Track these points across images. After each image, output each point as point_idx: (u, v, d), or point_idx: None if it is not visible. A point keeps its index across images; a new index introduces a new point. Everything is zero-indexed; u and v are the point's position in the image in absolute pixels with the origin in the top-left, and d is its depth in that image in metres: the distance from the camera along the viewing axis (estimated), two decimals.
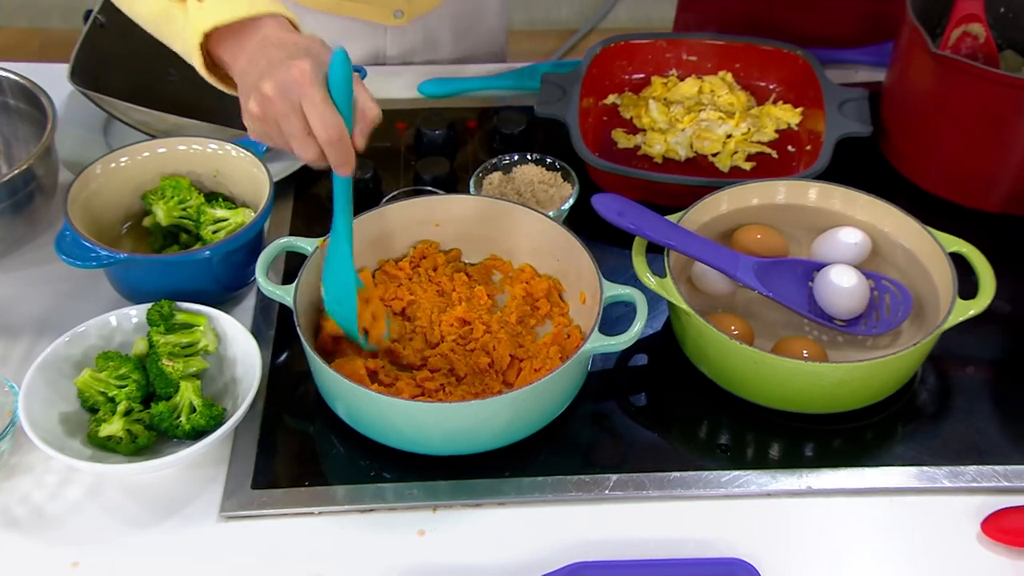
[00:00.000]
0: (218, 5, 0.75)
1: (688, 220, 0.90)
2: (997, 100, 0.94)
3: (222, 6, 0.75)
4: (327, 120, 0.70)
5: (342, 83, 0.71)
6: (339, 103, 0.71)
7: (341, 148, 0.72)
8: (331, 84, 0.71)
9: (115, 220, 0.95)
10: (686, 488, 0.80)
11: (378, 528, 0.78)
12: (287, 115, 0.71)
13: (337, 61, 0.70)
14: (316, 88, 0.70)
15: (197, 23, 0.75)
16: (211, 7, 0.75)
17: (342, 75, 0.71)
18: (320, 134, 0.71)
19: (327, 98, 0.71)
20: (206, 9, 0.75)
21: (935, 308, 0.86)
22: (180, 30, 0.77)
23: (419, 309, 0.90)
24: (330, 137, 0.71)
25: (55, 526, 0.77)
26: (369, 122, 0.73)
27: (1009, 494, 0.79)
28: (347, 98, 0.72)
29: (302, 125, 0.71)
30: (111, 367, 0.81)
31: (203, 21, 0.75)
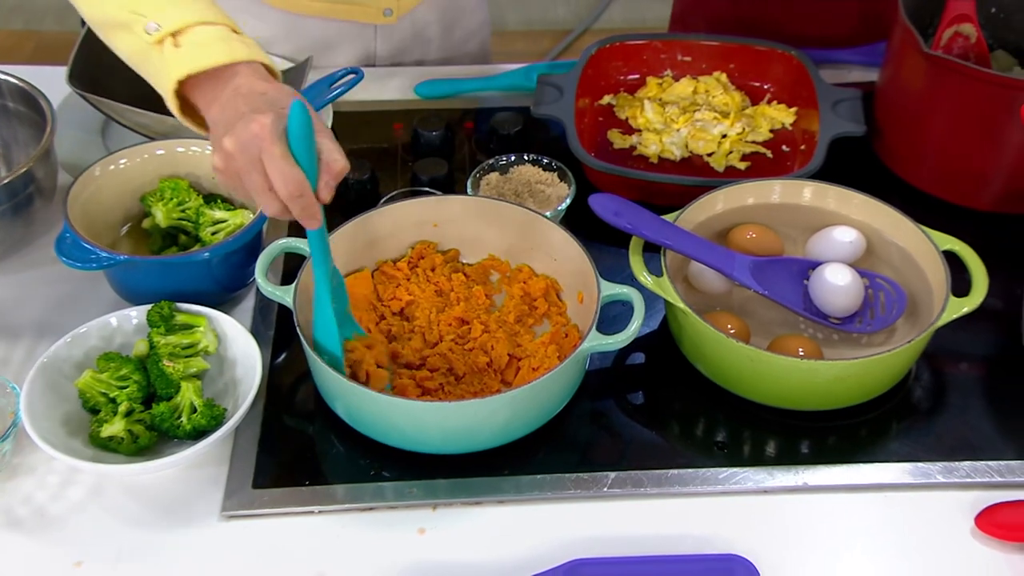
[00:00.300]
0: (194, 51, 0.74)
1: (684, 219, 0.91)
2: (988, 100, 0.95)
3: (198, 52, 0.74)
4: (287, 175, 0.69)
5: (301, 136, 0.69)
6: (299, 157, 0.69)
7: (303, 203, 0.70)
8: (290, 137, 0.69)
9: (114, 222, 0.95)
10: (683, 485, 0.80)
11: (378, 526, 0.78)
12: (248, 171, 0.70)
13: (295, 114, 0.68)
14: (275, 143, 0.68)
15: (172, 69, 0.74)
16: (187, 52, 0.74)
17: (301, 127, 0.69)
18: (280, 190, 0.69)
19: (286, 153, 0.69)
20: (182, 55, 0.74)
21: (929, 306, 0.87)
22: (156, 72, 0.76)
23: (417, 309, 0.91)
24: (290, 192, 0.69)
25: (57, 526, 0.77)
26: (335, 174, 0.71)
27: (1002, 489, 0.80)
28: (308, 151, 0.70)
29: (263, 180, 0.70)
30: (112, 368, 0.81)
31: (178, 67, 0.74)
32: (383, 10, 1.14)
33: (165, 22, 0.74)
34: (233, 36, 0.76)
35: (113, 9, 0.77)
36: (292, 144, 0.70)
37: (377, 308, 0.91)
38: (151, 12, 0.75)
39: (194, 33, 0.74)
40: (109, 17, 0.78)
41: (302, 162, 0.70)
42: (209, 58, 0.73)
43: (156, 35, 0.74)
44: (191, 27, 0.74)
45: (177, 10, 0.75)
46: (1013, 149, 0.97)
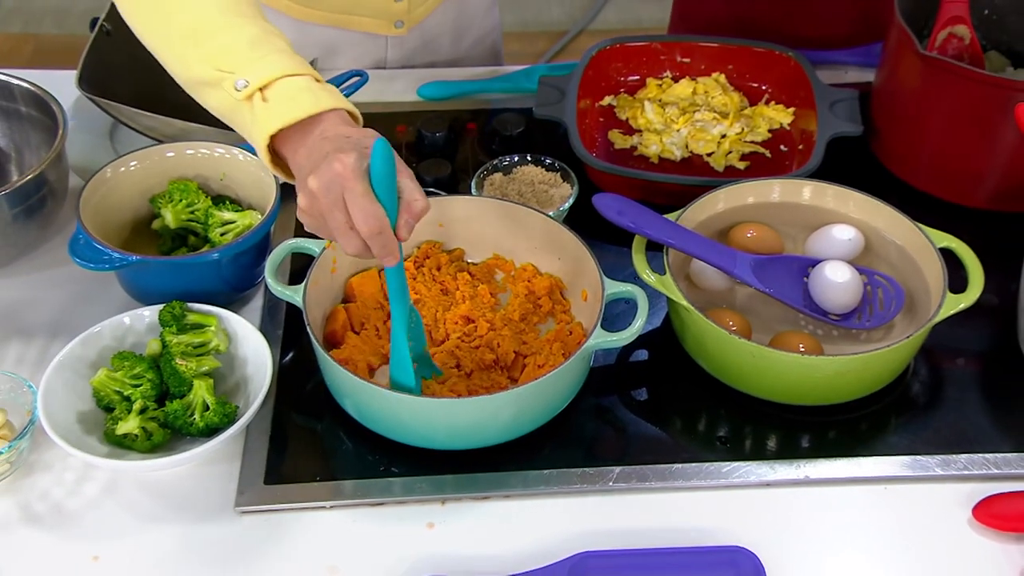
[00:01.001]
0: (282, 104, 0.75)
1: (686, 218, 0.92)
2: (982, 100, 0.97)
3: (286, 105, 0.75)
4: (367, 213, 0.70)
5: (383, 175, 0.71)
6: (380, 195, 0.71)
7: (383, 241, 0.72)
8: (372, 176, 0.71)
9: (124, 223, 0.96)
10: (687, 479, 0.82)
11: (388, 521, 0.80)
12: (331, 210, 0.71)
13: (377, 152, 0.70)
14: (357, 181, 0.70)
15: (264, 124, 0.75)
16: (276, 106, 0.75)
17: (383, 166, 0.71)
18: (361, 227, 0.71)
19: (368, 191, 0.70)
20: (271, 109, 0.75)
21: (926, 302, 0.88)
22: (247, 126, 0.77)
23: (423, 308, 0.92)
24: (371, 230, 0.71)
25: (75, 522, 0.79)
26: (415, 214, 0.73)
27: (998, 481, 0.82)
28: (389, 189, 0.71)
29: (345, 219, 0.71)
30: (126, 367, 0.83)
31: (269, 122, 0.75)
32: (394, 22, 1.16)
33: (253, 78, 0.76)
34: (317, 86, 0.77)
35: (201, 69, 0.78)
36: (374, 182, 0.71)
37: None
38: (238, 69, 0.76)
39: (281, 86, 0.76)
40: (198, 77, 0.79)
41: (383, 200, 0.71)
42: (298, 110, 0.75)
43: (245, 92, 0.75)
44: (278, 80, 0.76)
45: (263, 65, 0.76)
46: (1007, 148, 0.98)
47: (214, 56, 0.78)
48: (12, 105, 1.02)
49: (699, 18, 1.34)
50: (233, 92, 0.76)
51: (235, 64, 0.77)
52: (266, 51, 0.77)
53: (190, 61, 0.79)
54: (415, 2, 1.15)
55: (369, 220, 0.71)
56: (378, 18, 1.15)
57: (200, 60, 0.78)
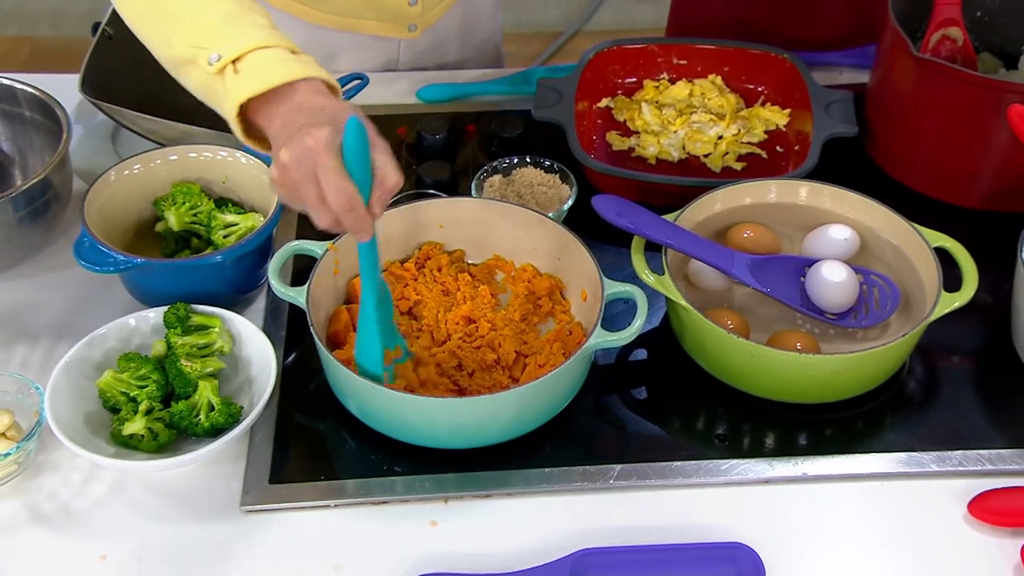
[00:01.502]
0: (254, 74, 0.76)
1: (684, 219, 0.94)
2: (975, 101, 0.98)
3: (257, 75, 0.75)
4: (339, 189, 0.70)
5: (355, 151, 0.70)
6: (353, 171, 0.71)
7: (355, 216, 0.72)
8: (344, 152, 0.70)
9: (128, 226, 0.97)
10: (687, 477, 0.83)
11: (392, 519, 0.80)
12: (303, 183, 0.71)
13: (350, 129, 0.70)
14: (330, 156, 0.70)
15: (234, 94, 0.76)
16: (247, 77, 0.76)
17: (355, 142, 0.70)
18: (332, 203, 0.71)
19: (340, 167, 0.70)
20: (242, 80, 0.76)
21: (921, 301, 0.89)
22: (220, 100, 0.78)
23: (425, 308, 0.93)
24: (341, 206, 0.71)
25: (82, 521, 0.80)
26: (388, 190, 0.73)
27: (993, 477, 0.83)
28: (362, 165, 0.71)
29: (316, 193, 0.71)
30: (132, 368, 0.84)
31: (239, 92, 0.75)
32: (408, 26, 1.16)
33: (225, 51, 0.76)
34: (291, 56, 0.77)
35: (180, 47, 0.79)
36: (346, 158, 0.71)
37: None
38: (212, 44, 0.77)
39: (253, 58, 0.76)
40: (177, 55, 0.80)
41: (356, 176, 0.71)
42: (269, 80, 0.75)
43: (217, 65, 0.76)
44: (250, 52, 0.76)
45: (236, 39, 0.77)
46: (1000, 149, 0.99)
47: (191, 34, 0.79)
48: (16, 109, 1.03)
49: (696, 19, 1.35)
50: (206, 67, 0.77)
51: (210, 40, 0.77)
52: (241, 26, 0.78)
53: (171, 41, 0.80)
54: (428, 5, 1.16)
55: (340, 196, 0.70)
56: (392, 22, 1.16)
57: (179, 39, 0.79)
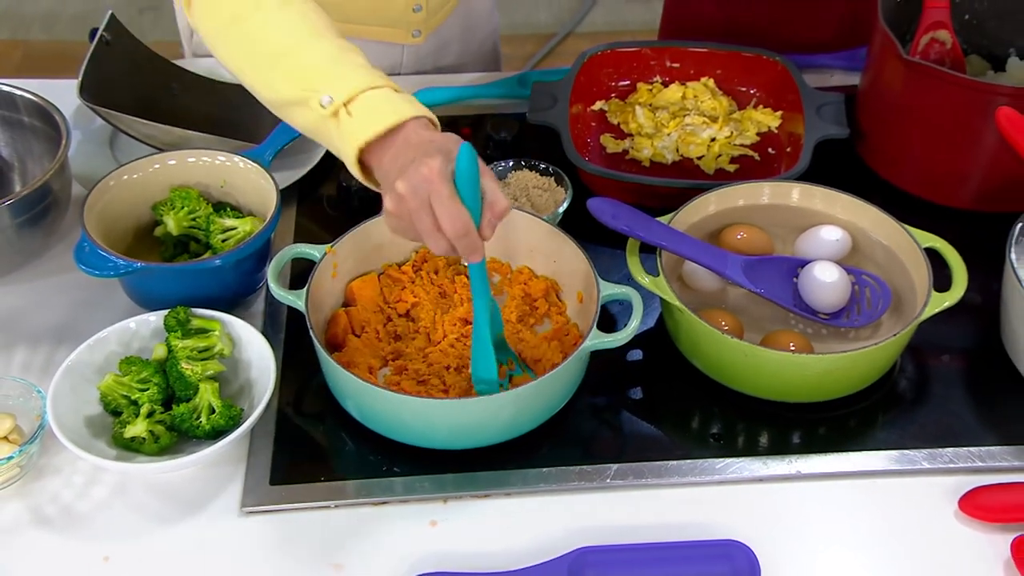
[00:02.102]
0: (367, 117, 0.78)
1: (678, 221, 0.95)
2: (964, 103, 0.99)
3: (371, 117, 0.78)
4: (454, 216, 0.73)
5: (467, 177, 0.74)
6: (465, 197, 0.74)
7: (468, 241, 0.75)
8: (457, 179, 0.74)
9: (127, 230, 0.98)
10: (682, 476, 0.84)
11: (392, 519, 0.81)
12: (418, 212, 0.74)
13: (463, 156, 0.73)
14: (444, 184, 0.73)
15: (351, 138, 0.78)
16: (361, 120, 0.78)
17: (467, 170, 0.74)
18: (447, 229, 0.74)
19: (453, 194, 0.73)
20: (357, 123, 0.78)
21: (912, 301, 0.90)
22: (335, 141, 0.81)
23: (422, 310, 0.94)
24: (457, 232, 0.74)
25: (85, 524, 0.80)
26: (498, 214, 0.76)
27: (983, 473, 0.84)
28: (473, 191, 0.74)
29: (431, 221, 0.74)
30: (133, 371, 0.84)
31: (357, 136, 0.78)
32: (412, 31, 1.18)
33: (337, 94, 0.79)
34: (397, 96, 0.80)
35: (286, 90, 0.82)
36: (459, 185, 0.74)
37: (384, 310, 0.94)
38: (322, 86, 0.80)
39: (363, 99, 0.79)
40: (284, 97, 0.83)
41: (468, 202, 0.74)
42: (382, 122, 0.78)
43: (331, 108, 0.79)
44: (360, 94, 0.79)
45: (346, 81, 0.80)
46: (989, 150, 1.00)
47: (298, 76, 0.81)
48: (15, 115, 1.03)
49: (689, 21, 1.36)
50: (319, 109, 0.79)
51: (319, 82, 0.80)
52: (347, 67, 0.81)
53: (275, 83, 0.83)
54: (431, 11, 1.18)
55: (456, 222, 0.73)
56: (397, 28, 1.17)
57: (285, 81, 0.82)
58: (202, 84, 1.16)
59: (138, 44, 1.12)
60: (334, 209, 1.08)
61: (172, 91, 1.13)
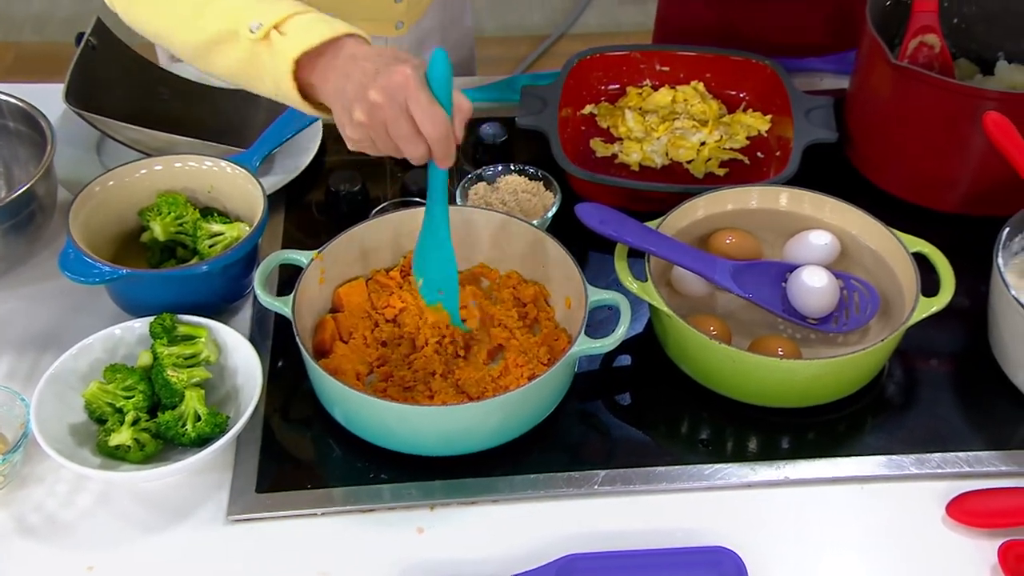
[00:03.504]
0: (301, 34, 0.79)
1: (666, 226, 0.94)
2: (952, 107, 0.99)
3: (305, 34, 0.79)
4: (436, 118, 0.74)
5: (444, 81, 0.74)
6: (442, 100, 0.75)
7: (447, 143, 0.76)
8: (433, 83, 0.74)
9: (113, 236, 0.97)
10: (670, 482, 0.84)
11: (379, 527, 0.81)
12: (396, 118, 0.75)
13: (438, 61, 0.74)
14: (421, 90, 0.74)
15: (285, 53, 0.79)
16: (294, 37, 0.79)
17: (444, 73, 0.74)
18: (429, 132, 0.75)
19: (432, 97, 0.74)
20: (289, 40, 0.79)
21: (900, 305, 0.90)
22: (269, 67, 0.81)
23: (407, 315, 0.94)
24: (439, 133, 0.75)
25: (69, 533, 0.80)
26: (465, 114, 0.77)
27: (971, 478, 0.84)
28: (449, 95, 0.75)
29: (410, 126, 0.75)
30: (118, 379, 0.84)
31: (291, 50, 0.79)
32: (395, 23, 1.18)
33: (265, 19, 0.80)
34: (328, 17, 0.81)
35: (213, 28, 0.83)
36: (436, 88, 0.74)
37: (372, 315, 0.94)
38: (251, 17, 0.80)
39: (295, 21, 0.80)
40: (210, 37, 0.83)
41: (444, 105, 0.75)
42: (318, 35, 0.79)
43: (260, 32, 0.80)
44: (290, 17, 0.80)
45: (275, 8, 0.81)
46: (977, 154, 1.01)
47: (224, 13, 0.82)
48: (0, 121, 1.03)
49: (682, 22, 1.35)
50: (248, 35, 0.80)
51: (246, 13, 0.81)
52: (274, 1, 0.81)
53: (201, 23, 0.83)
54: (412, 2, 1.18)
55: (437, 124, 0.74)
56: (379, 21, 1.17)
57: (211, 19, 0.82)
58: (190, 88, 1.15)
59: (125, 48, 1.12)
60: (322, 214, 1.08)
61: (160, 95, 1.13)
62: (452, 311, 0.87)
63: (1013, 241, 0.93)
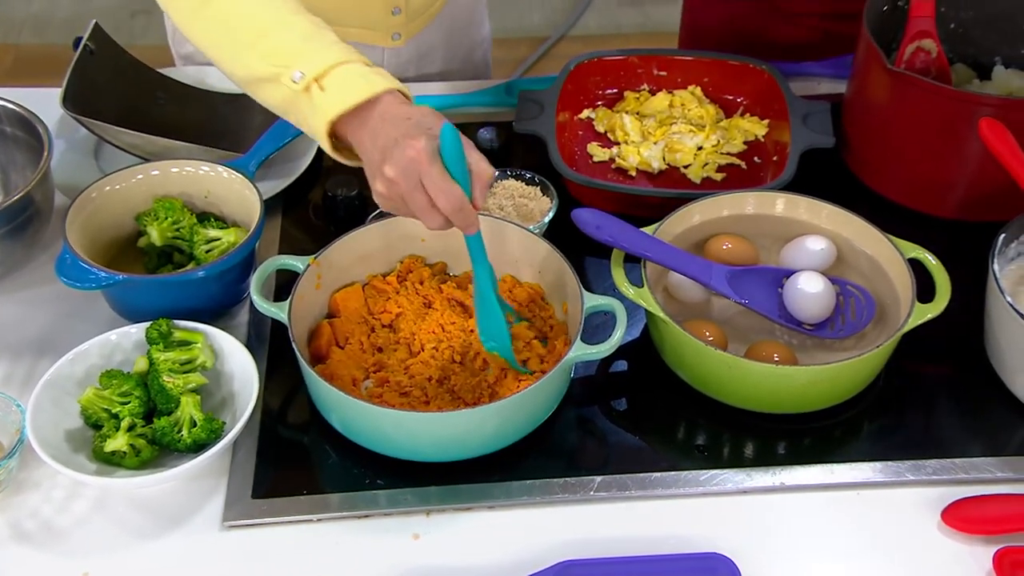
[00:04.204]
0: (340, 91, 0.80)
1: (663, 231, 0.95)
2: (949, 113, 0.99)
3: (343, 91, 0.79)
4: (448, 193, 0.76)
5: (455, 155, 0.76)
6: (455, 173, 0.76)
7: (464, 214, 0.77)
8: (445, 157, 0.76)
9: (110, 241, 0.97)
10: (666, 487, 0.84)
11: (374, 533, 0.81)
12: (411, 194, 0.77)
13: (448, 134, 0.76)
14: (433, 165, 0.75)
15: (323, 111, 0.80)
16: (333, 94, 0.80)
17: (453, 147, 0.76)
18: (443, 206, 0.76)
19: (444, 172, 0.76)
20: (329, 97, 0.80)
21: (896, 311, 0.90)
22: (307, 117, 0.82)
23: (403, 320, 0.94)
24: (453, 207, 0.76)
25: (64, 539, 0.80)
26: (485, 182, 0.78)
27: (966, 485, 0.84)
28: (461, 166, 0.77)
29: (425, 200, 0.77)
30: (114, 385, 0.84)
31: (329, 109, 0.79)
32: (392, 34, 1.18)
33: (308, 69, 0.80)
34: (369, 70, 0.81)
35: (257, 66, 0.83)
36: (448, 163, 0.76)
37: (368, 321, 0.94)
38: (293, 62, 0.81)
39: (336, 74, 0.80)
40: (254, 73, 0.84)
41: (456, 176, 0.77)
42: (355, 95, 0.79)
43: (303, 83, 0.80)
44: (332, 69, 0.80)
45: (317, 56, 0.81)
46: (973, 160, 1.00)
47: (270, 53, 0.82)
48: None
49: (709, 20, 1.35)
50: (291, 84, 0.80)
51: (290, 58, 0.81)
52: (319, 43, 0.82)
53: (247, 60, 0.83)
54: (412, 15, 1.18)
55: (450, 199, 0.76)
56: (376, 30, 1.17)
57: (257, 58, 0.83)
58: (188, 93, 1.15)
59: (123, 53, 1.12)
60: (320, 218, 1.08)
61: (157, 100, 1.13)
62: (508, 359, 0.88)
63: (1009, 247, 0.93)
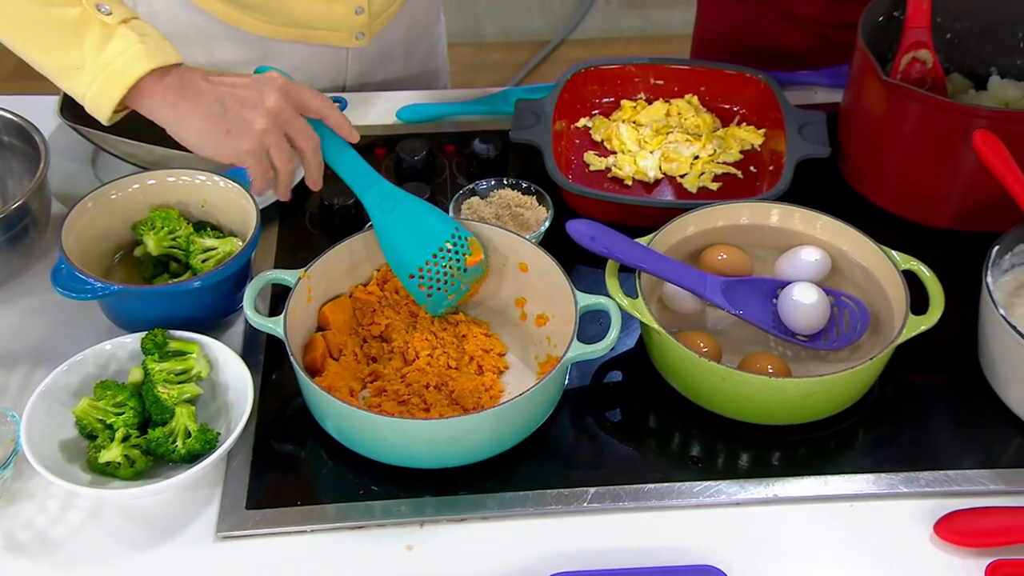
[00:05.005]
0: (159, 46, 0.85)
1: (657, 242, 0.95)
2: (944, 125, 0.99)
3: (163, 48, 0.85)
4: (306, 133, 0.90)
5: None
6: None
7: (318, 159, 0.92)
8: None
9: (106, 251, 0.97)
10: (660, 499, 0.84)
11: (368, 544, 0.81)
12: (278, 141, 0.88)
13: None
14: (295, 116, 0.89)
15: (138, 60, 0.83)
16: (153, 44, 0.84)
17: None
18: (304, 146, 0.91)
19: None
20: (150, 45, 0.84)
21: (890, 323, 0.90)
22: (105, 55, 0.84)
23: (394, 331, 0.94)
24: (311, 147, 0.90)
25: (58, 550, 0.80)
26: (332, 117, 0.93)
27: (959, 497, 0.84)
28: None
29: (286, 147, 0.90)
30: (109, 395, 0.84)
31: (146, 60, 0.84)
32: (355, 33, 1.18)
33: (117, 10, 0.84)
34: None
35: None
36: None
37: (359, 332, 0.94)
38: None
39: (143, 26, 0.86)
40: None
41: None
42: (173, 55, 0.86)
43: (113, 19, 0.84)
44: (135, 19, 0.85)
45: (120, 7, 0.85)
46: (968, 171, 1.00)
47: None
48: None
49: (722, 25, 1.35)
50: (99, 15, 0.83)
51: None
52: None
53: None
54: (374, 13, 1.18)
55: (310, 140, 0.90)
56: (339, 31, 1.18)
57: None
58: None
59: None
60: (316, 228, 1.08)
61: None
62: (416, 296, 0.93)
63: (1003, 259, 0.93)
